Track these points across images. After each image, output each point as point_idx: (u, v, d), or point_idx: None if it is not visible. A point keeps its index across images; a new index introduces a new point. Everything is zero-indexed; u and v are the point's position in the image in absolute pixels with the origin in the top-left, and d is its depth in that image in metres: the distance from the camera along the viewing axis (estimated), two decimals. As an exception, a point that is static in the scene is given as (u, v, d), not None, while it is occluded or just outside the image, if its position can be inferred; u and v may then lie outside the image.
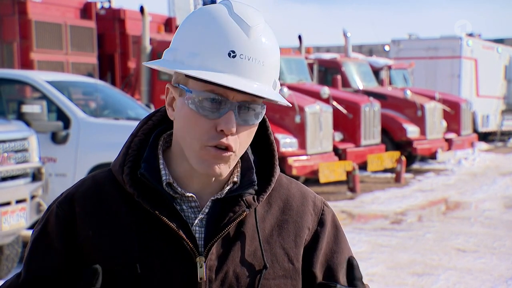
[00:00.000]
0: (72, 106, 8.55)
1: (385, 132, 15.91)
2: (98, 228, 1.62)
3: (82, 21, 14.46)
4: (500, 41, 31.30)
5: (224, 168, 1.59)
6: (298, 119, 12.51)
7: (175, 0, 18.32)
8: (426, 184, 14.58)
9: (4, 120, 7.45)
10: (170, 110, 1.64)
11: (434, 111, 17.03)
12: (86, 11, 14.68)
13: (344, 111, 14.34)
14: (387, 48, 25.52)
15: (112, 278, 1.59)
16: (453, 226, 9.95)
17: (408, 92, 16.95)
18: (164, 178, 1.62)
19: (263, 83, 1.57)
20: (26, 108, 7.76)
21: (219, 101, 1.55)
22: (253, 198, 1.65)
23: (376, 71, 18.83)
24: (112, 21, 15.46)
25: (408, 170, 16.14)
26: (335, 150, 13.51)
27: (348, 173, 13.01)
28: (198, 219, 1.63)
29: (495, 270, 7.51)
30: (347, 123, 14.36)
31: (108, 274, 1.59)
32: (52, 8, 13.97)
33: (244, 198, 1.64)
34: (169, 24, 16.36)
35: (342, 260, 1.74)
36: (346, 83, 16.77)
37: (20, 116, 7.72)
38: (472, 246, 8.63)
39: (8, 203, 6.39)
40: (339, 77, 16.27)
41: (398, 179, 14.66)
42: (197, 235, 1.61)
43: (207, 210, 1.64)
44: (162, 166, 1.64)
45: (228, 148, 1.57)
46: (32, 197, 6.70)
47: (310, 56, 17.37)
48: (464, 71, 23.44)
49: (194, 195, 1.63)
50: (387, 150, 15.33)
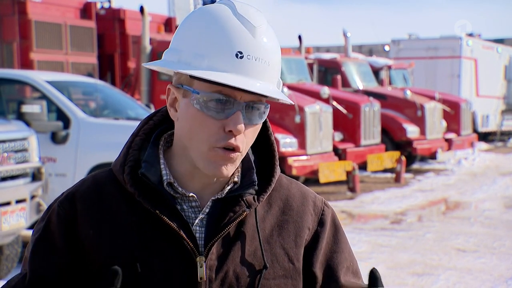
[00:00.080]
0: (72, 106, 8.55)
1: (385, 132, 15.90)
2: (99, 227, 1.62)
3: (82, 21, 14.45)
4: (500, 41, 31.29)
5: (231, 169, 1.60)
6: (298, 119, 12.51)
7: (175, 0, 18.30)
8: (426, 184, 14.58)
9: (4, 120, 7.45)
10: (172, 111, 1.64)
11: (434, 111, 17.03)
12: (86, 11, 14.67)
13: (344, 111, 14.34)
14: (387, 48, 25.51)
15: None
16: (453, 226, 9.95)
17: (408, 92, 16.94)
18: (165, 178, 1.62)
19: (269, 82, 1.59)
20: (26, 108, 7.75)
21: (226, 101, 1.56)
22: (253, 198, 1.65)
23: (376, 71, 18.82)
24: (112, 21, 15.44)
25: (408, 170, 16.14)
26: (335, 150, 13.50)
27: (348, 173, 13.01)
28: (199, 219, 1.63)
29: (495, 270, 7.51)
30: (347, 123, 14.36)
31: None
32: (52, 8, 13.96)
33: (244, 198, 1.64)
34: (169, 24, 16.35)
35: (342, 260, 1.74)
36: (346, 83, 16.76)
37: (20, 116, 7.71)
38: (472, 246, 8.63)
39: (8, 203, 6.39)
40: (339, 77, 16.27)
41: (398, 179, 14.65)
42: (197, 235, 1.62)
43: (207, 210, 1.64)
44: (163, 166, 1.64)
45: (235, 149, 1.57)
46: (32, 197, 6.69)
47: (310, 56, 17.36)
48: (464, 71, 23.43)
49: (194, 195, 1.63)
50: (387, 150, 15.33)
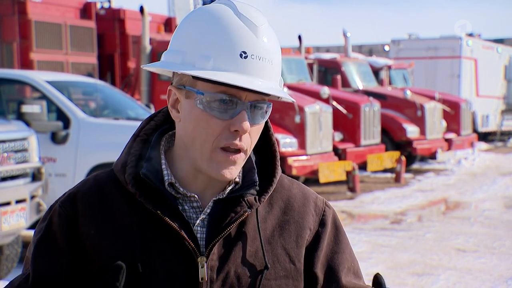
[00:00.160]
0: (72, 106, 8.55)
1: (385, 132, 15.90)
2: (100, 227, 1.62)
3: (82, 21, 14.45)
4: (500, 41, 31.29)
5: (235, 172, 1.60)
6: (298, 119, 12.50)
7: (175, 0, 18.30)
8: (426, 184, 14.58)
9: (4, 120, 7.44)
10: (174, 112, 1.63)
11: (434, 111, 17.03)
12: (86, 11, 14.67)
13: (344, 111, 14.33)
14: (387, 48, 25.51)
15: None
16: (453, 226, 9.95)
17: (408, 92, 16.94)
18: (166, 178, 1.62)
19: (272, 81, 1.59)
20: (26, 108, 7.75)
21: (230, 101, 1.56)
22: (254, 198, 1.65)
23: (376, 71, 18.82)
24: (112, 21, 15.44)
25: (408, 170, 16.14)
26: (335, 150, 13.50)
27: (348, 173, 13.01)
28: (200, 219, 1.63)
29: (495, 270, 7.51)
30: (347, 123, 14.36)
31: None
32: (52, 8, 13.96)
33: (245, 199, 1.64)
34: (169, 24, 16.34)
35: (343, 261, 1.74)
36: (346, 83, 16.76)
37: (20, 116, 7.71)
38: (472, 246, 8.63)
39: (8, 203, 6.38)
40: (339, 77, 16.27)
41: (398, 179, 14.65)
42: (198, 235, 1.62)
43: (208, 211, 1.64)
44: (164, 166, 1.64)
45: (239, 150, 1.58)
46: (32, 197, 6.69)
47: (310, 56, 17.35)
48: (464, 71, 23.43)
49: (196, 195, 1.63)
50: (387, 150, 15.33)
